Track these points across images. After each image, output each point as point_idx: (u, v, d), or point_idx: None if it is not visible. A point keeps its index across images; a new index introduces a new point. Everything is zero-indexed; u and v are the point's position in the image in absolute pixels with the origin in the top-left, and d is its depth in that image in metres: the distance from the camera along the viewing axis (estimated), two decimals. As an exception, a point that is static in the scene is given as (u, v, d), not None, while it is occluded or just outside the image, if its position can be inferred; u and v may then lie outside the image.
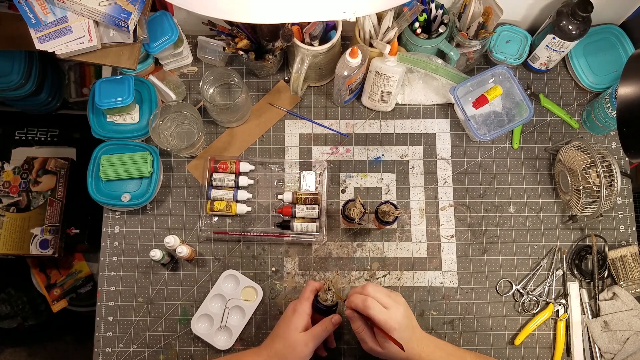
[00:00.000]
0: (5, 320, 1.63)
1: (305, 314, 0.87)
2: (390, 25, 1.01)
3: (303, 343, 0.85)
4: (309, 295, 0.89)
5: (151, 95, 1.09)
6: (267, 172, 1.12)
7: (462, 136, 1.14)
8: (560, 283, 1.08)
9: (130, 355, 1.04)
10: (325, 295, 0.88)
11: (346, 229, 1.10)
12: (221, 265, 1.08)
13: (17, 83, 1.31)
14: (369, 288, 0.84)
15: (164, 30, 1.03)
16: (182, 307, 1.06)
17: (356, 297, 0.84)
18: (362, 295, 0.84)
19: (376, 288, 0.84)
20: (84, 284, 1.53)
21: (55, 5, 0.89)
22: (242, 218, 1.09)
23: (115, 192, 1.06)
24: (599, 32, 1.13)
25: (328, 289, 0.88)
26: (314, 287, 0.90)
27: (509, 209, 1.11)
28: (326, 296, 0.88)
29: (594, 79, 1.12)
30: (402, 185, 1.12)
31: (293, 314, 0.87)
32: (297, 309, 0.87)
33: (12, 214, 1.38)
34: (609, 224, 1.10)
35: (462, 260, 1.08)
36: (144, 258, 1.08)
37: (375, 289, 0.84)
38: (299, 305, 0.88)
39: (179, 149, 1.06)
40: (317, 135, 1.14)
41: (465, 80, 1.07)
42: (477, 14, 1.03)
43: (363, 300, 0.82)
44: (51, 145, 1.54)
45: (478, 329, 1.06)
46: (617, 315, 1.03)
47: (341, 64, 1.00)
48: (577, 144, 1.04)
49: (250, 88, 1.16)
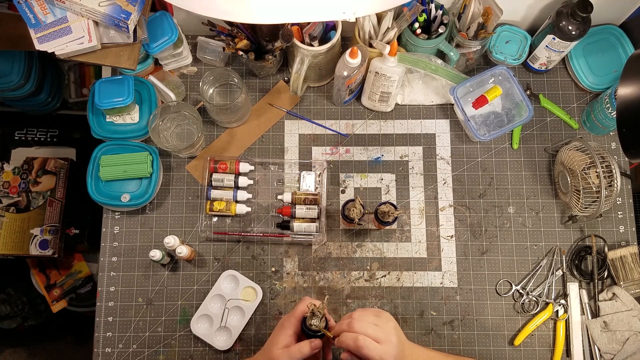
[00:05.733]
0: (5, 320, 1.63)
1: (289, 331, 0.83)
2: (390, 25, 1.01)
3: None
4: (300, 313, 0.85)
5: (151, 96, 1.09)
6: (266, 173, 1.12)
7: (461, 136, 1.14)
8: (560, 283, 1.08)
9: (130, 355, 1.04)
10: (310, 320, 0.82)
11: (346, 229, 1.10)
12: (221, 266, 1.08)
13: (16, 83, 1.31)
14: (356, 325, 0.80)
15: (163, 31, 1.03)
16: (182, 308, 1.06)
17: (346, 336, 0.79)
18: (352, 333, 0.79)
19: (363, 323, 0.80)
20: (84, 285, 1.53)
21: (55, 6, 0.89)
22: (242, 218, 1.09)
23: (115, 193, 1.06)
24: (598, 33, 1.13)
25: (312, 314, 0.82)
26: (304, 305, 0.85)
27: (509, 209, 1.11)
28: (311, 321, 0.82)
29: (594, 80, 1.12)
30: (402, 186, 1.12)
31: (280, 330, 0.84)
32: (284, 325, 0.84)
33: (12, 214, 1.38)
34: (608, 224, 1.10)
35: (461, 261, 1.08)
36: (143, 258, 1.08)
37: (362, 325, 0.80)
38: (287, 322, 0.85)
39: (178, 149, 1.06)
40: (316, 135, 1.14)
41: (465, 80, 1.07)
42: (477, 15, 1.03)
43: (354, 340, 0.78)
44: (51, 146, 1.54)
45: (478, 330, 1.06)
46: (616, 316, 1.03)
47: (341, 64, 1.00)
48: (577, 144, 1.04)
49: (250, 88, 1.16)
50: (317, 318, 0.82)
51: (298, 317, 0.85)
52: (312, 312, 0.82)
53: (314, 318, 0.82)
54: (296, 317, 0.84)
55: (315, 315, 0.82)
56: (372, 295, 1.07)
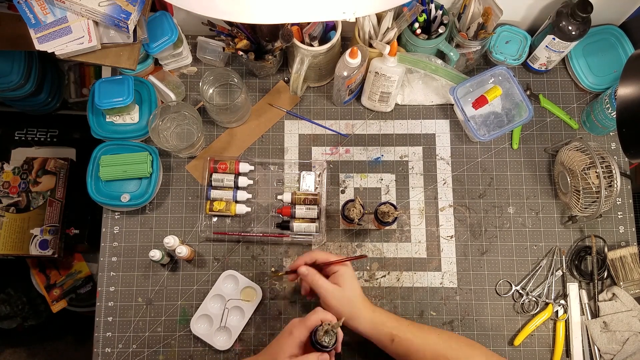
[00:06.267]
0: (5, 320, 1.63)
1: (298, 340, 0.83)
2: (389, 25, 1.01)
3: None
4: (312, 324, 0.84)
5: (151, 96, 1.09)
6: (266, 173, 1.12)
7: (461, 137, 1.14)
8: (560, 284, 1.08)
9: (130, 355, 1.04)
10: (321, 334, 0.82)
11: (346, 229, 1.10)
12: (221, 266, 1.08)
13: (16, 83, 1.31)
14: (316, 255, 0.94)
15: (163, 31, 1.03)
16: (182, 308, 1.06)
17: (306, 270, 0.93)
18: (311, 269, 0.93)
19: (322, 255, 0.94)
20: (84, 285, 1.53)
21: (55, 6, 0.89)
22: (242, 218, 1.09)
23: (115, 193, 1.06)
24: (598, 33, 1.13)
25: (326, 332, 0.82)
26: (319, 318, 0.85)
27: (509, 209, 1.11)
28: (323, 337, 0.82)
29: (594, 80, 1.12)
30: (402, 186, 1.12)
31: (288, 336, 0.84)
32: (293, 333, 0.84)
33: (12, 214, 1.38)
34: (608, 224, 1.10)
35: (461, 261, 1.08)
36: (143, 258, 1.08)
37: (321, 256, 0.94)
38: (297, 330, 0.84)
39: (178, 149, 1.06)
40: (316, 135, 1.14)
41: (464, 80, 1.07)
42: (477, 15, 1.03)
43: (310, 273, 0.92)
44: (51, 146, 1.54)
45: (477, 330, 1.06)
46: (616, 316, 1.03)
47: (341, 64, 1.00)
48: (577, 144, 1.04)
49: (249, 88, 1.16)
50: (329, 335, 0.82)
51: (310, 327, 0.84)
52: (326, 331, 0.82)
53: (327, 335, 0.82)
54: (307, 328, 0.84)
55: (328, 333, 0.82)
56: (372, 295, 1.07)
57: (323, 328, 0.82)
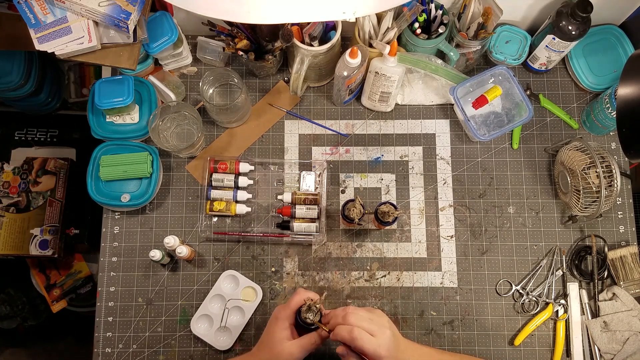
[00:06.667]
0: (5, 320, 1.63)
1: (286, 323, 0.84)
2: (389, 25, 1.01)
3: (288, 353, 0.82)
4: (295, 305, 0.86)
5: (151, 96, 1.09)
6: (266, 173, 1.12)
7: (461, 136, 1.14)
8: (560, 283, 1.08)
9: (130, 355, 1.04)
10: (306, 314, 0.84)
11: (346, 229, 1.10)
12: (221, 266, 1.08)
13: (16, 83, 1.31)
14: (351, 318, 0.80)
15: (163, 31, 1.03)
16: (182, 308, 1.06)
17: (341, 329, 0.80)
18: (347, 325, 0.80)
19: (358, 315, 0.81)
20: (84, 285, 1.53)
21: (55, 6, 0.89)
22: (242, 218, 1.09)
23: (115, 193, 1.06)
24: (598, 33, 1.13)
25: (309, 308, 0.84)
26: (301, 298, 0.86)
27: (509, 209, 1.11)
28: (307, 315, 0.84)
29: (594, 80, 1.12)
30: (402, 186, 1.12)
31: (276, 322, 0.85)
32: (279, 317, 0.85)
33: (12, 214, 1.38)
34: (608, 224, 1.10)
35: (461, 261, 1.08)
36: (143, 258, 1.08)
37: (358, 317, 0.81)
38: (282, 313, 0.85)
39: (178, 149, 1.06)
40: (316, 135, 1.14)
41: (464, 80, 1.07)
42: (477, 15, 1.03)
43: (349, 332, 0.79)
44: (51, 146, 1.54)
45: (478, 330, 1.06)
46: (616, 316, 1.03)
47: (341, 64, 1.00)
48: (577, 144, 1.04)
49: (250, 88, 1.16)
50: (312, 312, 0.84)
51: (293, 309, 0.86)
52: (309, 307, 0.84)
53: (310, 312, 0.84)
54: (291, 309, 0.85)
55: (311, 309, 0.84)
56: (372, 296, 1.07)
57: (306, 304, 0.84)
